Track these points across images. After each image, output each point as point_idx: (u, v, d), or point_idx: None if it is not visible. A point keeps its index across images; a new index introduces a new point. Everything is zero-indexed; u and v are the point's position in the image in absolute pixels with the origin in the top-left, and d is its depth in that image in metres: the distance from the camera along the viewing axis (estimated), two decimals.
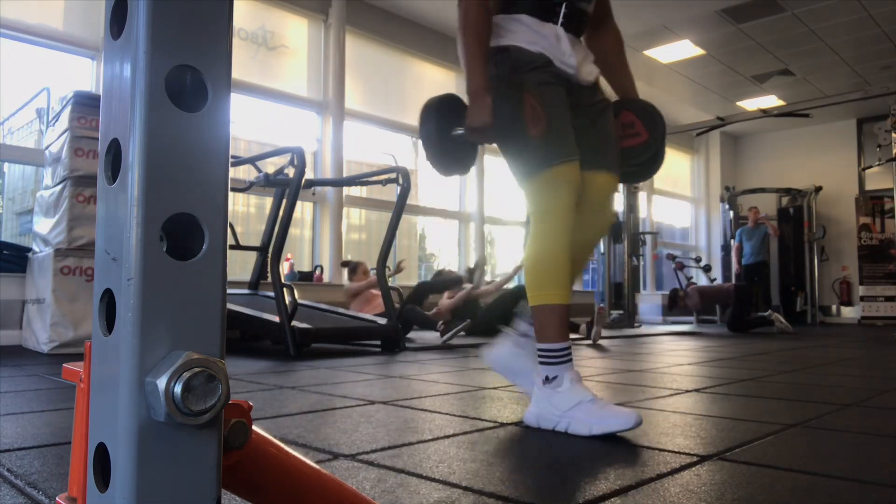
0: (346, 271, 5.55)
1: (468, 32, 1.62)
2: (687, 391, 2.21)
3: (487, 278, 7.67)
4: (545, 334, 1.59)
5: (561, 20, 1.68)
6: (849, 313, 10.25)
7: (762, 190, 10.46)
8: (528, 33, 1.67)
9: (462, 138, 1.68)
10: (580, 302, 6.98)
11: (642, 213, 8.33)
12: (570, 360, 1.58)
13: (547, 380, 1.57)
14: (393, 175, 4.16)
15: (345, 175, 6.05)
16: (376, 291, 5.24)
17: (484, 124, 1.59)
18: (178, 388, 0.41)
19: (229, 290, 4.07)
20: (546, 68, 1.65)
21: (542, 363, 1.59)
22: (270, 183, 4.10)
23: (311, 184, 4.53)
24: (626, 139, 1.76)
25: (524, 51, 1.65)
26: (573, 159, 1.62)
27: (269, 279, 3.65)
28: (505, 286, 6.00)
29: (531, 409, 1.59)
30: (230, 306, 3.62)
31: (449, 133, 1.68)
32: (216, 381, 0.43)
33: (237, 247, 4.31)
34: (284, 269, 5.52)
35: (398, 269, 5.57)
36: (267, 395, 2.01)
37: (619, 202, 7.98)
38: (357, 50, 6.50)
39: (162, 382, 0.41)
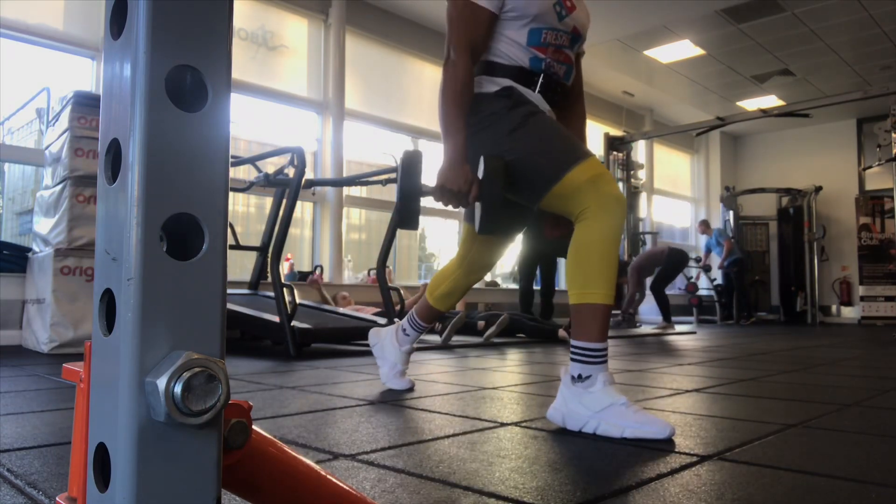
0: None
1: (454, 100, 1.67)
2: (687, 391, 2.21)
3: (488, 278, 7.67)
4: (583, 332, 1.54)
5: (538, 89, 1.75)
6: (849, 313, 10.25)
7: (762, 190, 10.46)
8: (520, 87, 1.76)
9: (424, 195, 1.75)
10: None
11: (642, 212, 8.34)
12: (605, 361, 1.54)
13: (579, 378, 1.52)
14: (393, 175, 4.16)
15: (345, 175, 6.05)
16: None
17: (460, 190, 1.65)
18: (178, 388, 0.41)
19: (229, 290, 4.07)
20: (536, 108, 1.73)
21: (575, 360, 1.54)
22: (270, 183, 4.10)
23: (311, 184, 4.53)
24: None
25: (522, 93, 1.73)
26: (590, 154, 1.63)
27: (270, 279, 3.64)
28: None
29: (556, 406, 1.57)
30: (230, 306, 3.62)
31: (417, 187, 1.74)
32: (216, 381, 0.43)
33: (237, 247, 4.31)
34: (284, 269, 5.51)
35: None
36: (267, 395, 2.01)
37: None
38: (357, 50, 6.50)
39: (162, 382, 0.41)
